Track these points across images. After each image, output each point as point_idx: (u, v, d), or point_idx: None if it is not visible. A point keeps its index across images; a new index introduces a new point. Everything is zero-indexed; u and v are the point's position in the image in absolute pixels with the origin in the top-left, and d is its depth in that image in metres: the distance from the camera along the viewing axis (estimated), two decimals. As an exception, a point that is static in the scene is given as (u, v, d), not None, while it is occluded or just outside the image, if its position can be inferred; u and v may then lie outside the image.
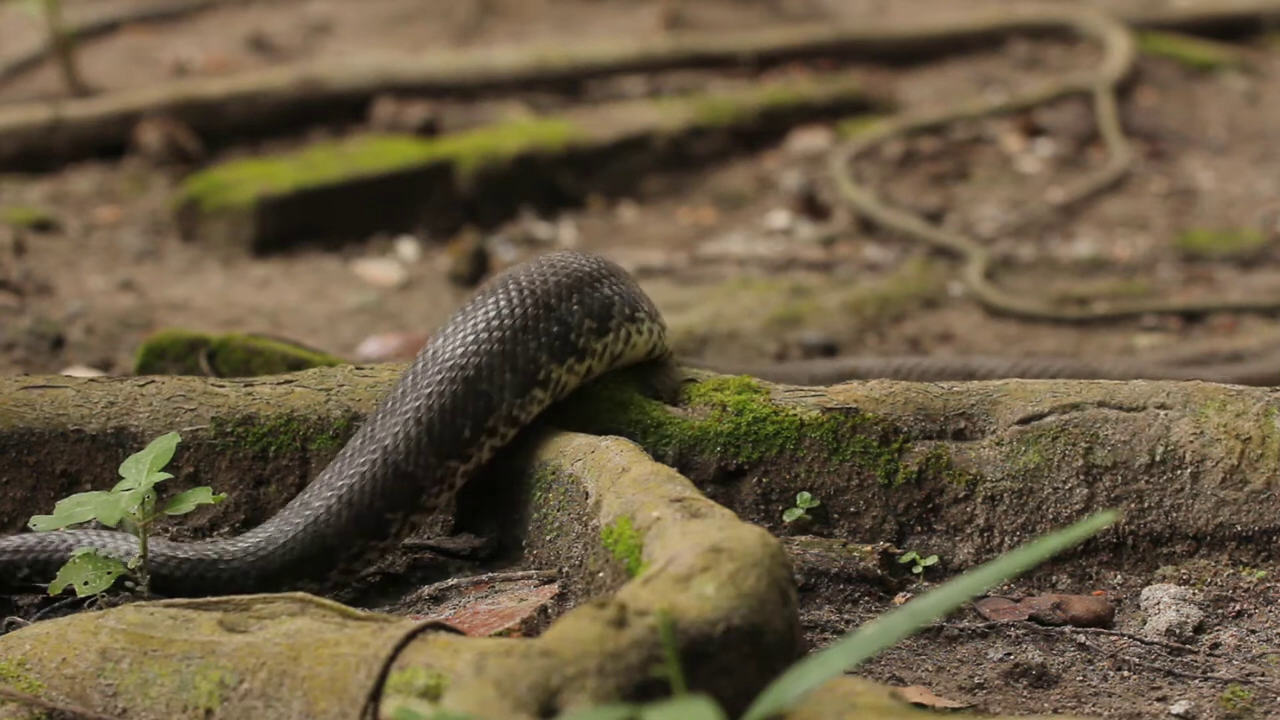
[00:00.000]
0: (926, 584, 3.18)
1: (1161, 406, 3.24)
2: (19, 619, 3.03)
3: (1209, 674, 2.95)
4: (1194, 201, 6.47)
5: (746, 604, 2.50)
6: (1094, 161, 6.84)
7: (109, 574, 2.97)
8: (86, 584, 2.97)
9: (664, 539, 2.71)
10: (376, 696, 2.46)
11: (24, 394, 3.32)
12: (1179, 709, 2.84)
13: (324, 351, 4.27)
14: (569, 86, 7.41)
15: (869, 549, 3.17)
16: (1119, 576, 3.19)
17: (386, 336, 5.14)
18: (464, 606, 3.03)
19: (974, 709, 2.83)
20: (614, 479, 2.97)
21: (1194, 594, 3.13)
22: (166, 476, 3.00)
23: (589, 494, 3.03)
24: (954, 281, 5.72)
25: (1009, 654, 3.01)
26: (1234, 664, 2.98)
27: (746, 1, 8.58)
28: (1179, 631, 3.05)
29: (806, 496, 3.24)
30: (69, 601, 3.03)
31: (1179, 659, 2.99)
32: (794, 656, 2.51)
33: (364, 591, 3.15)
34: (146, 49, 8.05)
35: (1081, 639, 3.03)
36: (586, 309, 3.24)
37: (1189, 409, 3.23)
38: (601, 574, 2.94)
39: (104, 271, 5.75)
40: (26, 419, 3.29)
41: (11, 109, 6.84)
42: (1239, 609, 3.12)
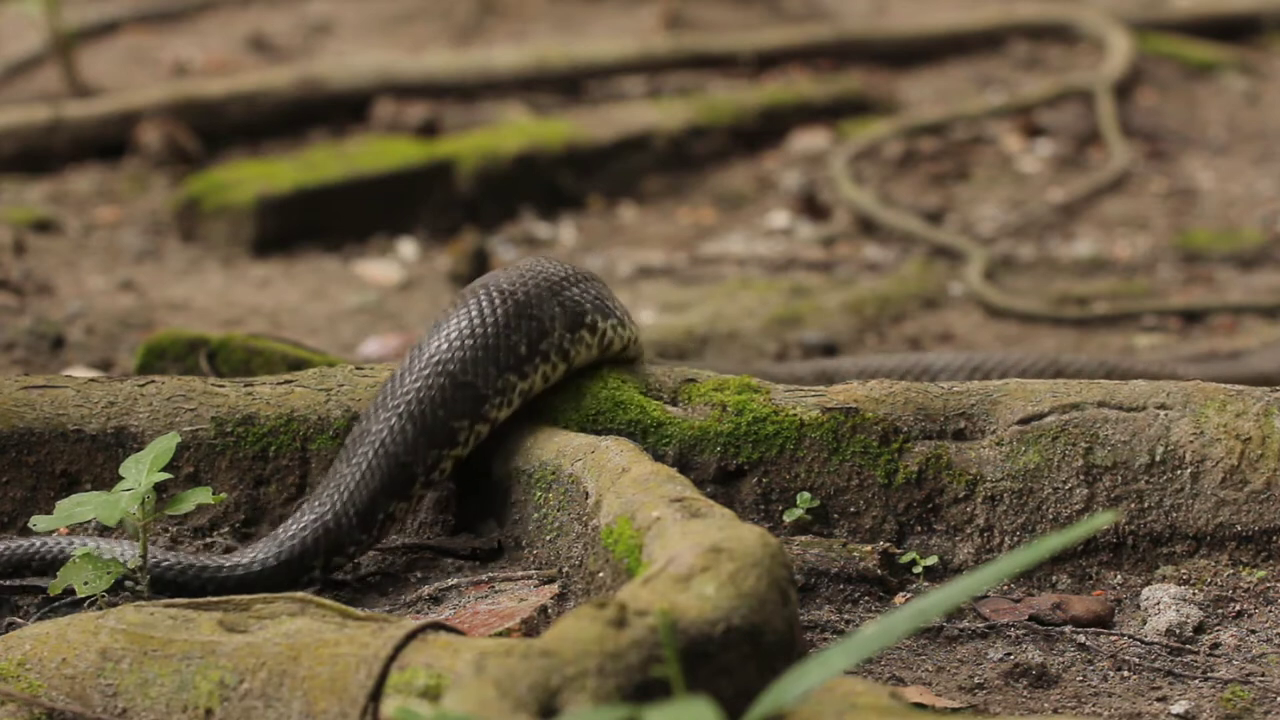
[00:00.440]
0: (926, 584, 3.18)
1: (1161, 406, 3.23)
2: (19, 619, 3.03)
3: (1209, 674, 2.94)
4: (1194, 201, 6.47)
5: (746, 604, 2.49)
6: (1094, 161, 6.84)
7: (109, 574, 2.97)
8: (86, 584, 2.97)
9: (664, 539, 2.71)
10: (376, 696, 2.46)
11: (24, 394, 3.32)
12: (1179, 709, 2.84)
13: (324, 351, 4.26)
14: (569, 86, 7.40)
15: (869, 549, 3.16)
16: (1119, 576, 3.19)
17: (386, 336, 5.14)
18: (464, 606, 3.03)
19: (974, 709, 2.83)
20: (614, 479, 2.97)
21: (1194, 594, 3.13)
22: (166, 476, 3.00)
23: (589, 494, 3.03)
24: (954, 281, 5.72)
25: (1009, 654, 3.00)
26: (1234, 664, 2.98)
27: (746, 1, 8.57)
28: (1179, 631, 3.05)
29: (806, 496, 3.24)
30: (69, 601, 3.03)
31: (1179, 659, 2.99)
32: (794, 656, 2.51)
33: (364, 591, 3.15)
34: (146, 49, 8.05)
35: (1081, 639, 3.03)
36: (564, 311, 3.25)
37: (1189, 409, 3.23)
38: (601, 574, 2.94)
39: (104, 271, 5.75)
40: (26, 419, 3.29)
41: (11, 109, 6.84)
42: (1239, 609, 3.12)
